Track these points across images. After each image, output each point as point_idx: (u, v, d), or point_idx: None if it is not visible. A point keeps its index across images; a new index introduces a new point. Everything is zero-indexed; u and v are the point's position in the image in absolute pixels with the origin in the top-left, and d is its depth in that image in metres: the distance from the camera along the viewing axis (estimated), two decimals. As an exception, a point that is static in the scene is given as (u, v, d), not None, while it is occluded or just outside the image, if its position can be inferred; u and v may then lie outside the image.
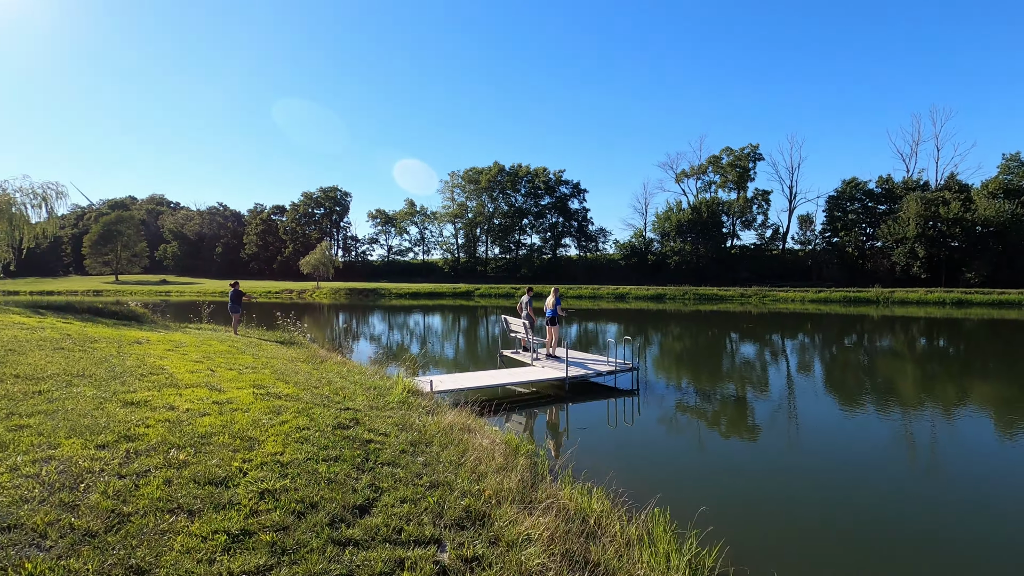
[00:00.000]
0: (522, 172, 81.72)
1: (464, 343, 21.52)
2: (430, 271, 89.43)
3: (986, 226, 49.08)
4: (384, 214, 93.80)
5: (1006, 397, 11.94)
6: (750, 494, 6.24)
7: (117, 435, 4.71)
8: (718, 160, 67.85)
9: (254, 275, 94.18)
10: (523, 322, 12.79)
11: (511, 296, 57.93)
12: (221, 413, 5.77)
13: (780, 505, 5.99)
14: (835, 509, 5.88)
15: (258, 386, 7.50)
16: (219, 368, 8.76)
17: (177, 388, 6.86)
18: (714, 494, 6.06)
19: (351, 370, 10.42)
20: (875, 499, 6.09)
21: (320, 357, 12.03)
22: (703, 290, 52.49)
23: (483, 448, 5.67)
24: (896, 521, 5.56)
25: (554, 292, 13.22)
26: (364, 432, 5.70)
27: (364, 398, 7.54)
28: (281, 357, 11.44)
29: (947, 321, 31.34)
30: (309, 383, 8.29)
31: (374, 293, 60.16)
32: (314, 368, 10.33)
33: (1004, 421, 9.66)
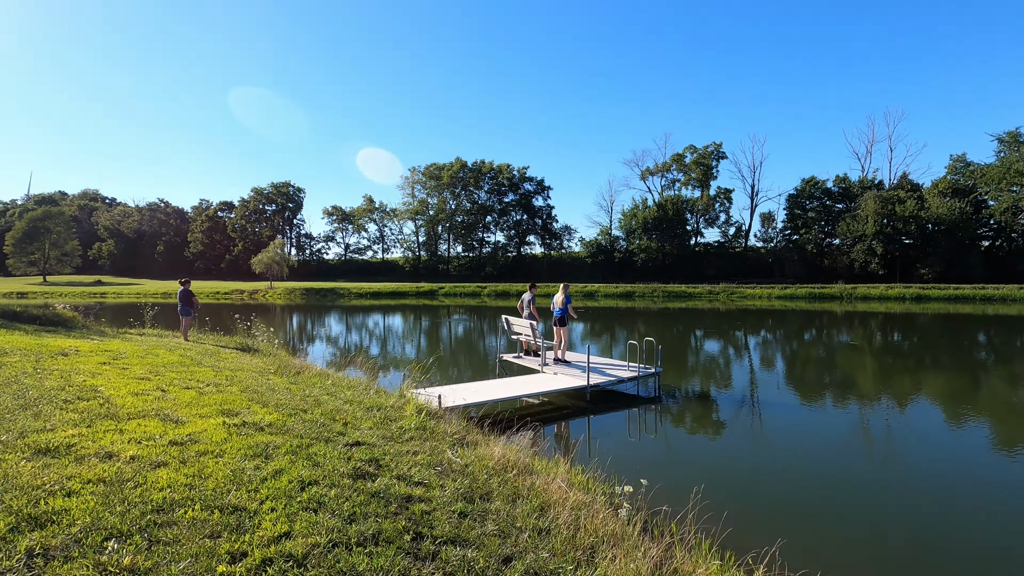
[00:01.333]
0: (485, 168, 80.00)
1: (449, 346, 19.80)
2: (390, 270, 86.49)
3: (938, 224, 50.88)
4: (341, 211, 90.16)
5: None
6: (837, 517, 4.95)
7: (15, 517, 2.91)
8: (682, 158, 68.15)
9: (200, 275, 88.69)
10: (530, 323, 11.26)
11: (477, 295, 56.30)
12: (184, 461, 3.99)
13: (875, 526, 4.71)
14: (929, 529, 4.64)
15: (228, 412, 5.69)
16: (172, 387, 6.85)
17: (116, 420, 4.99)
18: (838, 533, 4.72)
19: (337, 384, 8.63)
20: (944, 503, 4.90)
21: (294, 367, 10.14)
22: (672, 287, 52.31)
23: (559, 497, 4.12)
24: (965, 530, 4.35)
25: (563, 289, 11.74)
26: (394, 483, 4.04)
27: (370, 424, 5.84)
28: (247, 368, 9.51)
29: (924, 316, 31.74)
30: (292, 404, 6.51)
31: (332, 293, 57.25)
32: (291, 382, 8.49)
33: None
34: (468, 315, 33.75)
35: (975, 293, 42.21)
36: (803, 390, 12.04)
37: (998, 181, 50.65)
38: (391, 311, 37.79)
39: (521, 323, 11.69)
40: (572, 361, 11.95)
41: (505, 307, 40.84)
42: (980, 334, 23.73)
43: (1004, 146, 52.29)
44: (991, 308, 36.81)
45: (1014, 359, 16.90)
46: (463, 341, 20.99)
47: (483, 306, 42.39)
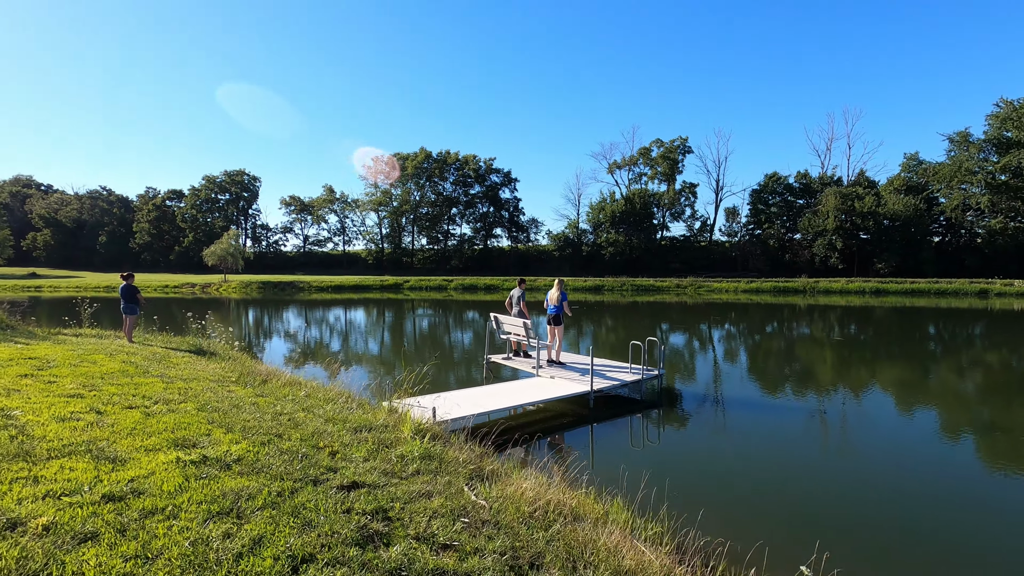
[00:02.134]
0: (450, 159, 78.30)
1: (426, 345, 18.63)
2: (352, 263, 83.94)
3: (893, 220, 52.53)
4: (299, 201, 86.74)
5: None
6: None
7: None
8: (648, 152, 68.28)
9: (147, 267, 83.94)
10: (524, 322, 10.30)
11: (443, 289, 54.95)
12: (122, 530, 2.89)
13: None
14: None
15: (183, 442, 4.55)
16: (111, 406, 5.61)
17: (31, 461, 3.80)
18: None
19: (313, 395, 7.49)
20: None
21: (259, 374, 8.90)
22: (640, 281, 52.30)
23: (635, 563, 3.20)
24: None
25: (559, 285, 10.83)
26: (416, 549, 3.04)
27: (364, 453, 4.80)
28: (204, 377, 8.25)
29: (891, 310, 32.38)
30: (263, 426, 5.39)
31: (291, 286, 54.80)
32: (258, 394, 7.32)
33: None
34: (437, 310, 32.54)
35: (929, 287, 43.71)
36: (808, 386, 11.54)
37: (949, 179, 52.68)
38: (355, 305, 36.16)
39: (513, 322, 10.73)
40: (567, 363, 11.09)
41: (473, 302, 39.79)
42: (957, 327, 24.18)
43: (954, 145, 54.41)
44: (943, 301, 38.10)
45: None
46: (439, 339, 19.88)
47: (449, 300, 41.21)
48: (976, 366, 14.82)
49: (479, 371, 12.26)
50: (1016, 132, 49.21)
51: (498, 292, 50.99)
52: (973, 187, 51.60)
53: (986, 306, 34.35)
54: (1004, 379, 12.99)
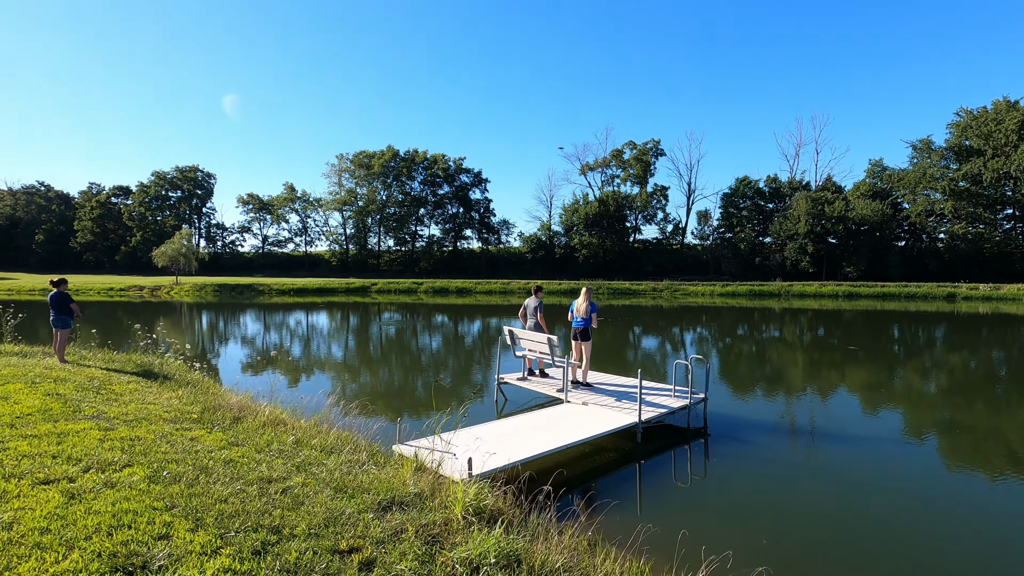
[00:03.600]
0: (419, 158, 76.02)
1: (416, 358, 16.81)
2: (315, 264, 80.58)
3: (861, 224, 53.47)
4: (258, 199, 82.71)
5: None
6: None
7: None
8: (620, 154, 67.80)
9: (89, 268, 78.48)
10: (549, 338, 8.74)
11: (412, 292, 52.82)
12: None
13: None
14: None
15: (125, 562, 2.83)
16: (14, 482, 3.79)
17: None
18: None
19: (303, 440, 5.77)
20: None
21: (229, 408, 7.07)
22: (616, 284, 51.49)
23: None
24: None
25: (587, 294, 9.32)
26: None
27: (411, 560, 3.16)
28: (155, 416, 6.39)
29: (875, 313, 32.26)
30: (249, 508, 3.68)
31: (250, 289, 51.65)
32: (230, 441, 5.55)
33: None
34: (408, 315, 30.57)
35: (899, 291, 44.43)
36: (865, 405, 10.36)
37: (914, 185, 54.03)
38: (320, 310, 33.78)
39: (534, 337, 9.14)
40: (594, 383, 9.60)
41: (444, 305, 37.94)
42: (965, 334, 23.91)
43: (917, 152, 55.94)
44: (912, 305, 38.60)
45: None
46: (429, 351, 18.09)
47: (420, 304, 39.23)
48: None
49: (486, 393, 10.63)
50: (975, 141, 50.79)
51: (470, 296, 49.30)
52: (936, 193, 53.05)
53: (953, 309, 34.82)
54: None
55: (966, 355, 17.49)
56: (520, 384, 9.78)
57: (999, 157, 49.39)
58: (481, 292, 52.18)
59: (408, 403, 10.13)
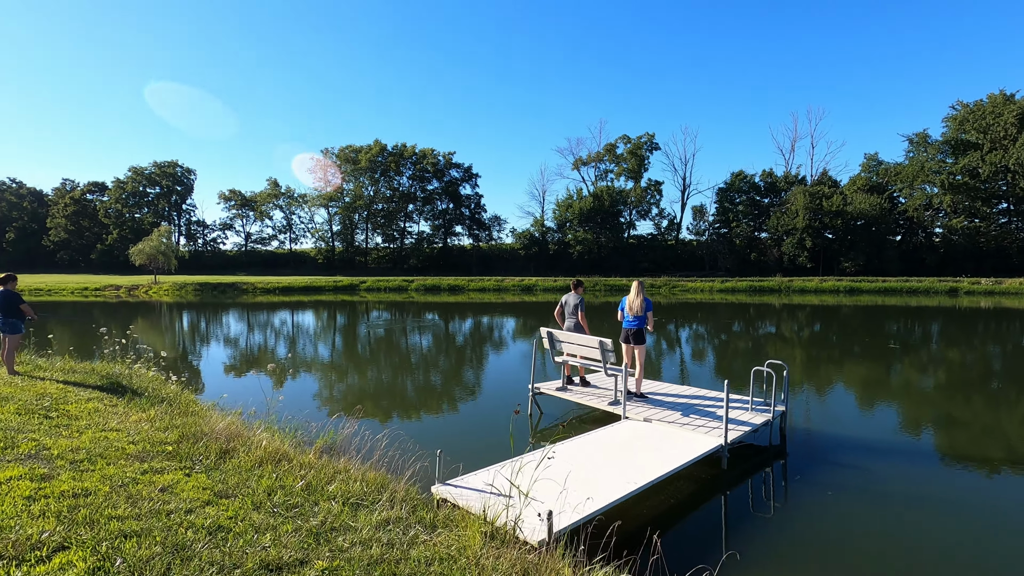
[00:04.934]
0: (407, 153, 74.08)
1: (422, 363, 15.26)
2: (300, 262, 78.30)
3: (859, 219, 52.89)
4: (240, 195, 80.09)
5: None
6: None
7: None
8: (614, 148, 66.59)
9: (64, 268, 75.43)
10: (600, 341, 7.29)
11: (403, 290, 51.07)
12: None
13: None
14: None
15: None
16: None
17: None
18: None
19: (314, 486, 4.28)
20: None
21: (213, 436, 5.53)
22: (612, 281, 50.29)
23: None
24: None
25: (639, 288, 7.88)
26: None
27: None
28: (115, 450, 4.85)
29: (885, 309, 31.33)
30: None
31: (233, 288, 49.50)
32: (217, 492, 4.04)
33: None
34: (396, 313, 28.93)
35: (901, 286, 43.77)
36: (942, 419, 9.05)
37: (912, 179, 53.57)
38: (307, 308, 31.97)
39: (580, 340, 7.68)
40: (648, 393, 8.19)
41: (436, 303, 36.29)
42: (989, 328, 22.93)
43: (913, 146, 55.54)
44: (914, 300, 37.90)
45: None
46: (433, 355, 16.55)
47: (411, 302, 37.56)
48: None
49: (513, 404, 9.15)
50: (973, 134, 50.41)
51: (463, 293, 47.73)
52: (934, 187, 52.64)
53: (955, 304, 34.12)
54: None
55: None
56: (560, 395, 8.33)
57: (997, 151, 49.04)
58: (474, 290, 50.61)
59: (434, 423, 8.60)
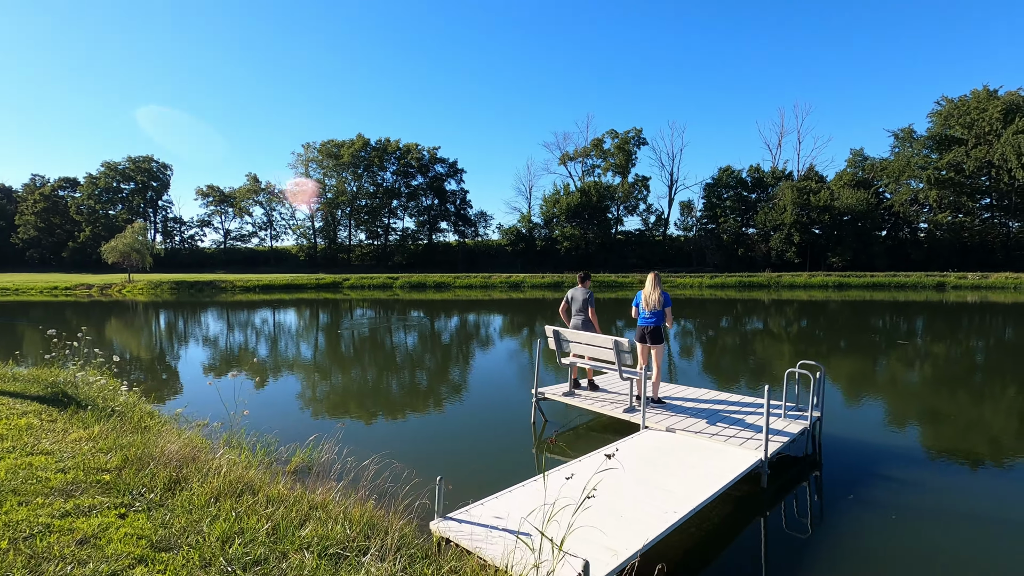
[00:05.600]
0: (391, 147, 72.67)
1: (406, 365, 14.30)
2: (281, 260, 76.51)
3: (846, 214, 52.95)
4: (219, 191, 77.99)
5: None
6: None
7: None
8: (601, 143, 65.96)
9: (33, 266, 72.80)
10: (616, 340, 6.45)
11: (388, 287, 49.89)
12: None
13: None
14: None
15: None
16: None
17: None
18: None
19: (284, 526, 3.35)
20: None
21: (163, 459, 4.56)
22: (601, 277, 49.66)
23: None
24: None
25: (656, 281, 7.05)
26: None
27: None
28: (39, 481, 3.87)
29: (877, 304, 31.04)
30: None
31: (211, 287, 47.91)
32: (156, 537, 3.08)
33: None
34: (381, 311, 27.88)
35: (889, 280, 43.79)
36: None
37: (898, 174, 53.78)
38: (287, 307, 30.76)
39: (593, 340, 6.82)
40: (664, 398, 7.38)
41: (422, 301, 35.27)
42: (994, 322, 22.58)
43: (899, 142, 55.79)
44: (901, 295, 37.82)
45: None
46: (419, 356, 15.60)
47: (396, 300, 36.50)
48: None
49: (514, 411, 8.27)
50: (958, 129, 50.68)
51: (449, 291, 46.69)
52: (919, 183, 52.87)
53: (942, 299, 34.06)
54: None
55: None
56: (567, 401, 7.46)
57: (982, 146, 49.34)
58: (461, 287, 49.61)
59: (427, 437, 7.67)
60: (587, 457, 5.38)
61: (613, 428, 7.22)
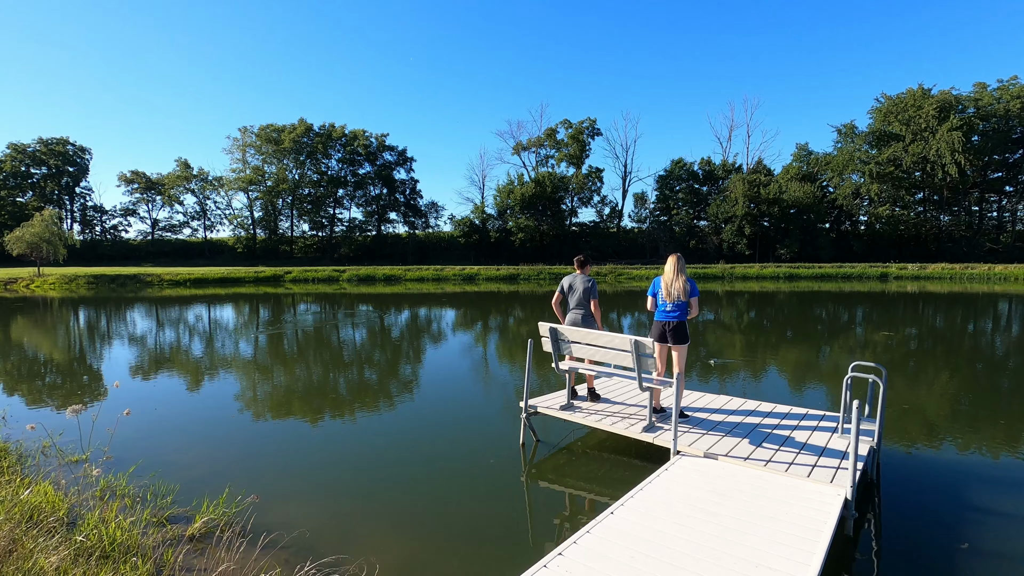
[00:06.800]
0: (336, 134, 68.99)
1: (367, 377, 12.41)
2: (217, 252, 71.50)
3: (794, 207, 54.11)
4: (145, 178, 71.90)
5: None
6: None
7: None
8: (555, 133, 64.85)
9: (-74, 259, 64.69)
10: (636, 340, 5.00)
11: (334, 280, 47.14)
12: None
13: None
14: None
15: None
16: None
17: None
18: None
19: None
20: None
21: None
22: (557, 269, 48.62)
23: None
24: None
25: (679, 265, 5.64)
26: None
27: None
28: None
29: (832, 294, 31.26)
30: None
31: (134, 281, 43.72)
32: None
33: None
34: (326, 305, 25.61)
35: (836, 271, 44.91)
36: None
37: (841, 169, 55.41)
38: (222, 302, 27.91)
39: (606, 340, 5.35)
40: (686, 411, 6.00)
41: (371, 295, 33.08)
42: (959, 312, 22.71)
43: (842, 136, 57.54)
44: (847, 285, 38.75)
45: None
46: (369, 363, 13.73)
47: (343, 293, 34.13)
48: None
49: (500, 436, 6.70)
50: (896, 125, 52.58)
51: (400, 284, 44.49)
52: (861, 177, 54.66)
53: (884, 289, 34.98)
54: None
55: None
56: (566, 416, 5.96)
57: (918, 142, 51.36)
58: (412, 279, 47.42)
59: (380, 489, 5.96)
60: (621, 506, 3.89)
61: (624, 448, 5.80)
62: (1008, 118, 50.70)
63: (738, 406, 6.30)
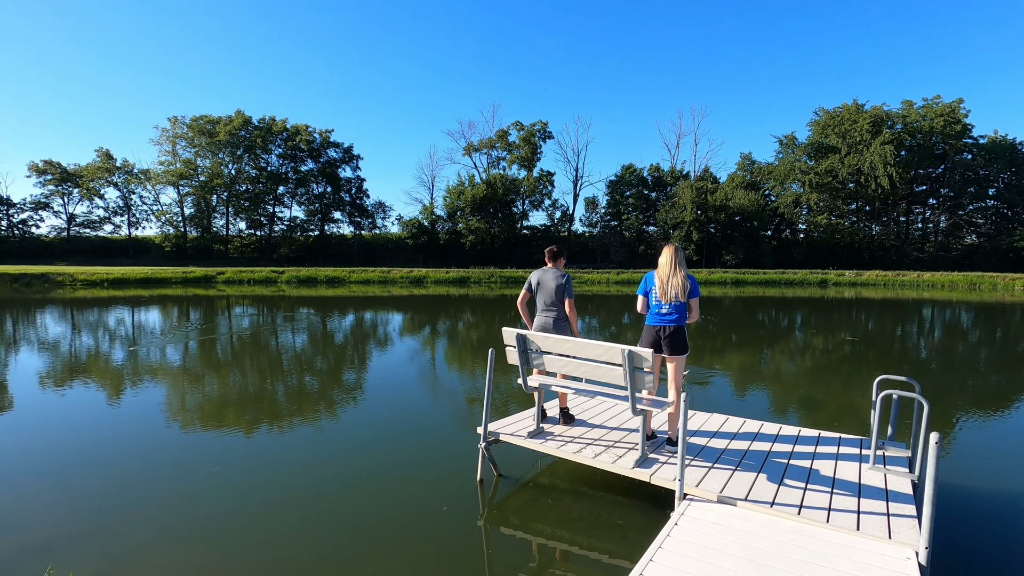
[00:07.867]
0: (277, 128, 65.52)
1: (301, 393, 10.78)
2: (142, 250, 66.39)
3: (739, 214, 55.50)
4: (60, 168, 65.88)
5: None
6: None
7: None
8: (506, 135, 64.02)
9: None
10: (628, 350, 3.91)
11: (272, 282, 44.34)
12: None
13: None
14: None
15: None
16: None
17: None
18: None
19: None
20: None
21: None
22: (508, 272, 47.63)
23: None
24: None
25: (676, 257, 4.63)
26: None
27: None
28: None
29: (781, 299, 31.67)
30: None
31: (42, 280, 39.53)
32: None
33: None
34: (263, 308, 23.50)
35: (779, 277, 46.13)
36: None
37: (783, 178, 57.37)
38: (146, 305, 25.18)
39: (591, 350, 4.23)
40: (687, 438, 4.96)
41: (312, 298, 30.98)
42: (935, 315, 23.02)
43: (783, 147, 59.60)
44: (790, 291, 39.81)
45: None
46: (306, 377, 12.11)
47: (281, 296, 31.87)
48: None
49: (456, 475, 5.45)
50: (833, 138, 54.91)
51: (343, 286, 42.24)
52: (801, 186, 56.77)
53: (823, 295, 36.13)
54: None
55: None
56: (535, 446, 4.79)
57: (853, 154, 53.77)
58: (356, 282, 45.26)
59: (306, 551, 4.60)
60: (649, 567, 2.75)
61: (603, 481, 4.69)
62: (932, 134, 53.93)
63: (738, 427, 5.33)
